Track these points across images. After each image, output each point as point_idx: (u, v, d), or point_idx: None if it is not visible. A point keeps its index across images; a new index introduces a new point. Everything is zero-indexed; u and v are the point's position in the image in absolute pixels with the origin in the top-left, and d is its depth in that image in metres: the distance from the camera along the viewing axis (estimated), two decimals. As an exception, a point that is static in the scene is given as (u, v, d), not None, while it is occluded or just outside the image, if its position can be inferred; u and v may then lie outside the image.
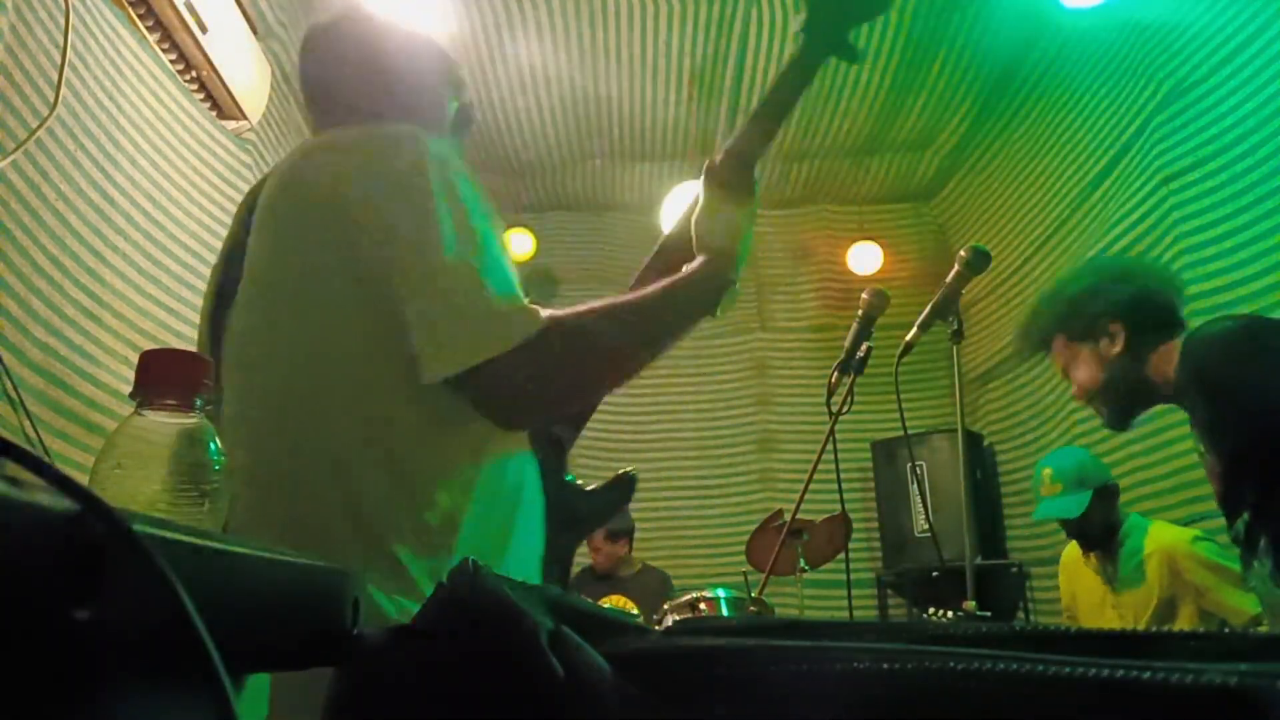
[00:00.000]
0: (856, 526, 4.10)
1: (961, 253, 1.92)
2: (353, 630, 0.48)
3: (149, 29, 2.47)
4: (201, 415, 0.58)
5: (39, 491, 0.29)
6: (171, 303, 2.54)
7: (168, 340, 2.47)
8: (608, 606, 0.71)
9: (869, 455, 4.54)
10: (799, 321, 5.12)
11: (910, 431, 2.22)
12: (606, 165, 4.78)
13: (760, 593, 2.41)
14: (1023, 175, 4.27)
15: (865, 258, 4.89)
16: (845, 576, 2.55)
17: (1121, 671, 0.37)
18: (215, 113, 2.86)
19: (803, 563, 3.10)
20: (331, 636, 0.47)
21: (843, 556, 2.79)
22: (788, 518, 2.47)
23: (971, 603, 1.73)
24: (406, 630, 0.49)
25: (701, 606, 2.18)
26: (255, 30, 3.05)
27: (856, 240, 4.96)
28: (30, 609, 0.28)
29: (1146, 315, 1.67)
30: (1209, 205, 2.92)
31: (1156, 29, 3.18)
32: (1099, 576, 2.61)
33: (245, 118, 2.92)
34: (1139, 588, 2.46)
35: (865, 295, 2.14)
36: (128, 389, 0.57)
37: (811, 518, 3.04)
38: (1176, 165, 3.06)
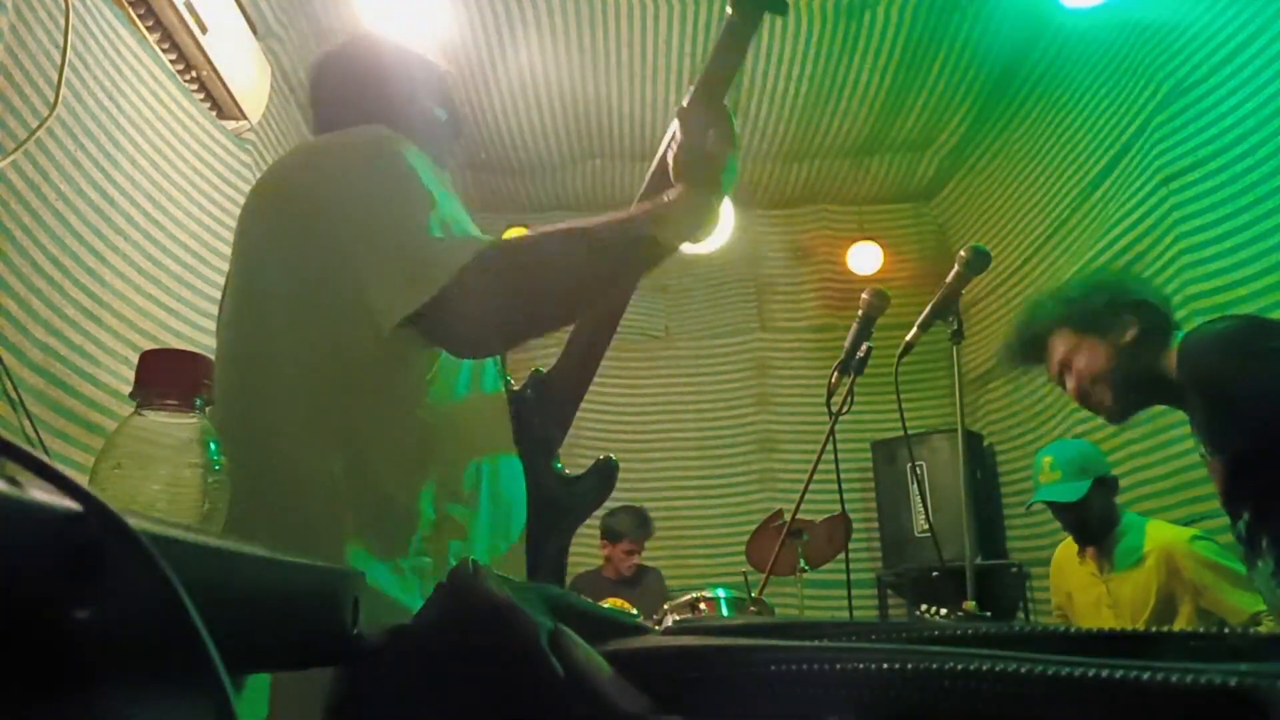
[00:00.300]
0: (856, 526, 4.11)
1: (961, 253, 1.91)
2: (353, 630, 0.48)
3: (149, 29, 2.47)
4: (201, 415, 0.58)
5: (39, 491, 0.29)
6: (171, 303, 2.54)
7: (168, 340, 2.47)
8: (607, 606, 0.72)
9: (869, 455, 4.54)
10: (799, 322, 5.12)
11: (910, 432, 2.21)
12: (606, 165, 4.78)
13: (760, 593, 2.41)
14: (1023, 175, 4.27)
15: (865, 258, 4.89)
16: (845, 576, 2.54)
17: (1121, 671, 0.37)
18: (215, 113, 2.86)
19: (803, 563, 3.10)
20: (331, 636, 0.47)
21: (843, 556, 2.79)
22: (788, 518, 2.47)
23: (971, 603, 1.73)
24: (406, 630, 0.49)
25: (701, 606, 2.18)
26: (255, 30, 3.05)
27: (856, 240, 4.96)
28: (30, 609, 0.28)
29: (1155, 314, 1.71)
30: (1209, 205, 2.92)
31: (1156, 29, 3.18)
32: (1094, 574, 2.60)
33: (245, 118, 2.93)
34: (1135, 584, 2.45)
35: (865, 295, 2.14)
36: (128, 389, 0.57)
37: (811, 518, 3.04)
38: (1176, 165, 3.06)
